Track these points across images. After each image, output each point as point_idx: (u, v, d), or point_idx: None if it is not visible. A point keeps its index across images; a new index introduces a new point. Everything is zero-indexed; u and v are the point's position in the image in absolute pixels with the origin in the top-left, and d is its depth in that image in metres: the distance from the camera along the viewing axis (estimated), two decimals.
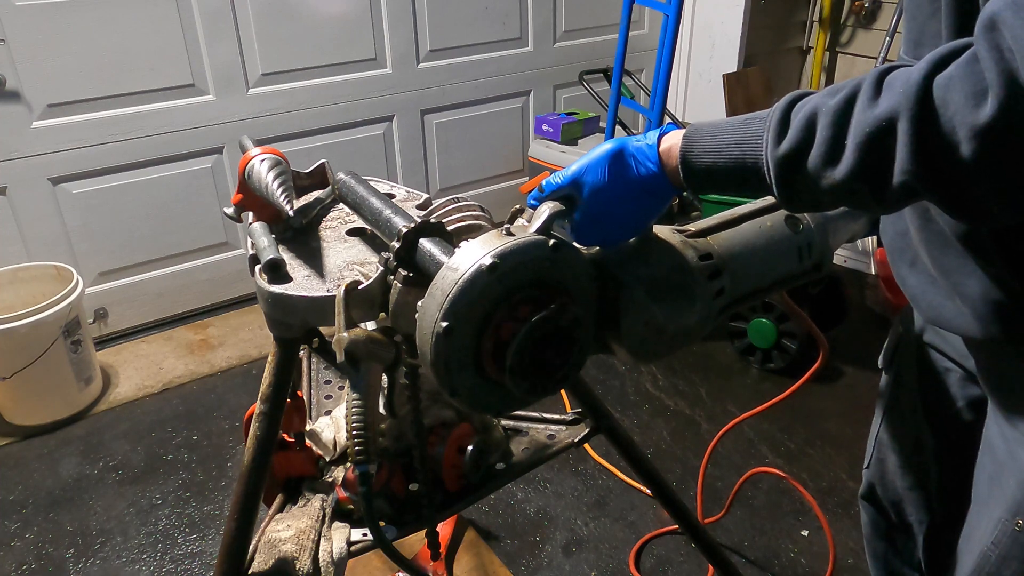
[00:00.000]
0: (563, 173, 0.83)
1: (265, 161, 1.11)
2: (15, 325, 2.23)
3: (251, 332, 2.95)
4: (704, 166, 0.75)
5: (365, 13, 2.98)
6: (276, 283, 1.01)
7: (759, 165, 0.70)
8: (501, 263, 0.74)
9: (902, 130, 0.59)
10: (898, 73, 0.62)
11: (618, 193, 0.80)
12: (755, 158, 0.70)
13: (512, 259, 0.75)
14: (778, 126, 0.68)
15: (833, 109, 0.64)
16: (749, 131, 0.71)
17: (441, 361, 0.76)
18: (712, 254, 0.88)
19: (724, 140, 0.73)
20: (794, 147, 0.67)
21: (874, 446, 1.24)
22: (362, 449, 0.91)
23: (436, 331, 0.75)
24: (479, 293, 0.74)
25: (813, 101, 0.67)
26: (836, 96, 0.65)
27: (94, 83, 2.55)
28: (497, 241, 0.76)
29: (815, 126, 0.65)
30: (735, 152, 0.72)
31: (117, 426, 2.47)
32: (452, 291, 0.74)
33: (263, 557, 1.10)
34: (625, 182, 0.80)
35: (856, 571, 1.90)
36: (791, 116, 0.68)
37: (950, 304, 0.87)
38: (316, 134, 3.04)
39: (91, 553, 1.99)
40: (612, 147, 0.80)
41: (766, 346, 2.64)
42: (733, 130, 0.73)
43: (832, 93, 0.66)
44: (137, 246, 2.83)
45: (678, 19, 2.45)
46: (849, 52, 3.65)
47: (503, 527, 2.05)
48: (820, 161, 0.65)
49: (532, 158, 3.46)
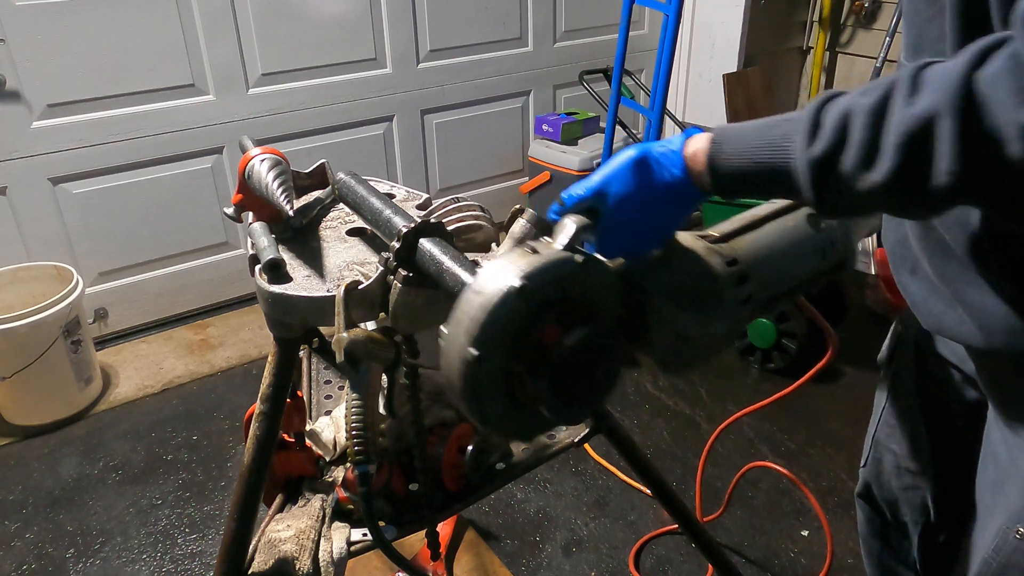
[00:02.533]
0: (585, 184, 0.79)
1: (265, 161, 1.11)
2: (15, 325, 2.23)
3: (251, 332, 2.95)
4: (733, 169, 0.72)
5: (365, 13, 2.98)
6: (276, 283, 1.01)
7: (790, 168, 0.67)
8: (529, 284, 0.70)
9: (944, 128, 0.56)
10: (935, 69, 0.59)
11: (643, 201, 0.77)
12: (786, 160, 0.67)
13: (540, 279, 0.70)
14: (810, 127, 0.65)
15: (868, 108, 0.61)
16: (779, 133, 0.69)
17: (471, 390, 0.72)
18: (738, 259, 0.85)
19: (753, 142, 0.70)
20: (828, 149, 0.64)
21: (871, 445, 1.24)
22: (362, 449, 0.91)
23: (465, 359, 0.70)
24: (508, 317, 0.70)
25: (846, 101, 0.64)
26: (871, 95, 0.62)
27: (94, 83, 2.55)
28: (522, 260, 0.72)
29: (849, 126, 0.62)
30: (765, 155, 0.69)
31: (117, 426, 2.47)
32: (480, 316, 0.69)
33: (263, 557, 1.10)
34: (650, 189, 0.77)
35: (856, 571, 1.90)
36: (822, 117, 0.65)
37: (952, 312, 0.86)
38: (316, 134, 3.04)
39: (91, 553, 1.99)
40: (635, 154, 0.77)
41: (766, 346, 2.64)
42: (762, 132, 0.70)
43: (866, 92, 0.63)
44: (137, 246, 2.83)
45: (678, 19, 2.45)
46: (849, 52, 3.65)
47: (503, 527, 2.05)
48: (856, 163, 0.62)
49: (532, 158, 3.46)
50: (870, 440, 1.25)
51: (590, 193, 0.79)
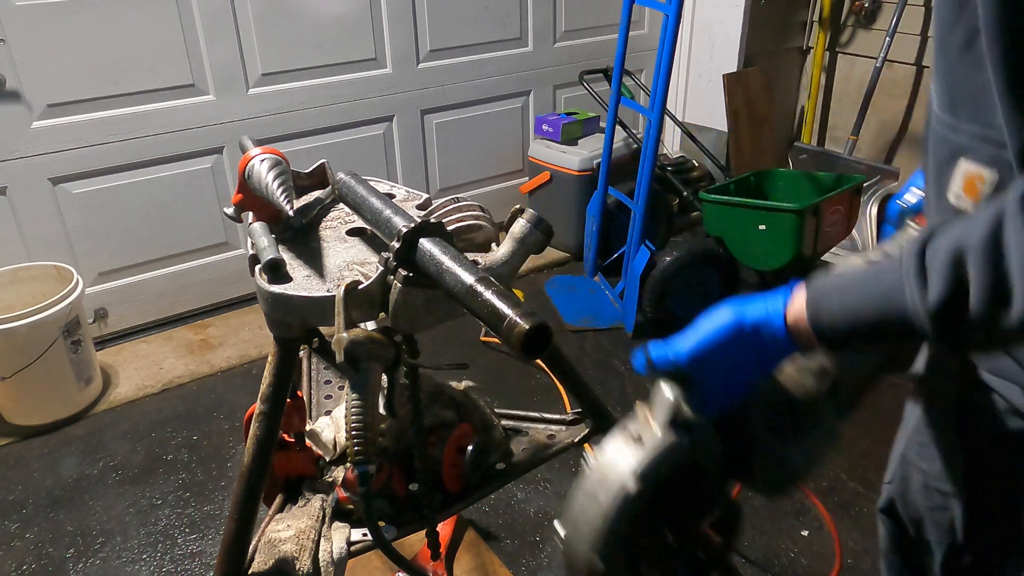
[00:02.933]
0: (676, 348, 0.75)
1: (265, 161, 1.11)
2: (15, 325, 2.23)
3: (251, 332, 2.95)
4: (841, 330, 0.68)
5: (365, 13, 2.98)
6: (276, 283, 1.00)
7: (905, 319, 0.63)
8: (645, 485, 0.70)
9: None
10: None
11: (743, 366, 0.74)
12: (898, 313, 0.63)
13: (655, 475, 0.71)
14: (918, 274, 0.61)
15: (981, 245, 0.57)
16: (883, 286, 0.64)
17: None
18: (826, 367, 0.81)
19: (856, 301, 0.67)
20: (947, 295, 0.59)
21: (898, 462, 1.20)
22: (362, 449, 0.91)
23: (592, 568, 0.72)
24: (629, 519, 0.71)
25: (948, 239, 0.60)
26: (977, 227, 0.58)
27: (94, 83, 2.55)
28: (630, 455, 0.71)
29: (964, 267, 0.58)
30: (873, 310, 0.66)
31: (117, 426, 2.47)
32: (601, 525, 0.71)
33: (263, 557, 1.10)
34: (750, 356, 0.73)
35: (856, 571, 1.90)
36: (928, 261, 0.61)
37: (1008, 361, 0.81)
38: (316, 134, 3.04)
39: (91, 553, 1.99)
40: (730, 321, 0.73)
41: None
42: (865, 285, 0.66)
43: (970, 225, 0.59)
44: (137, 246, 2.83)
45: (678, 19, 2.45)
46: (849, 52, 3.65)
47: (503, 527, 2.05)
48: (985, 306, 0.58)
49: (532, 158, 3.46)
50: (897, 456, 1.20)
51: (684, 361, 0.74)
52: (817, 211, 2.46)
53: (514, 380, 2.65)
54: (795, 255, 2.46)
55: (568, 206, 3.35)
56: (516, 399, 2.53)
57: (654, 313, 2.80)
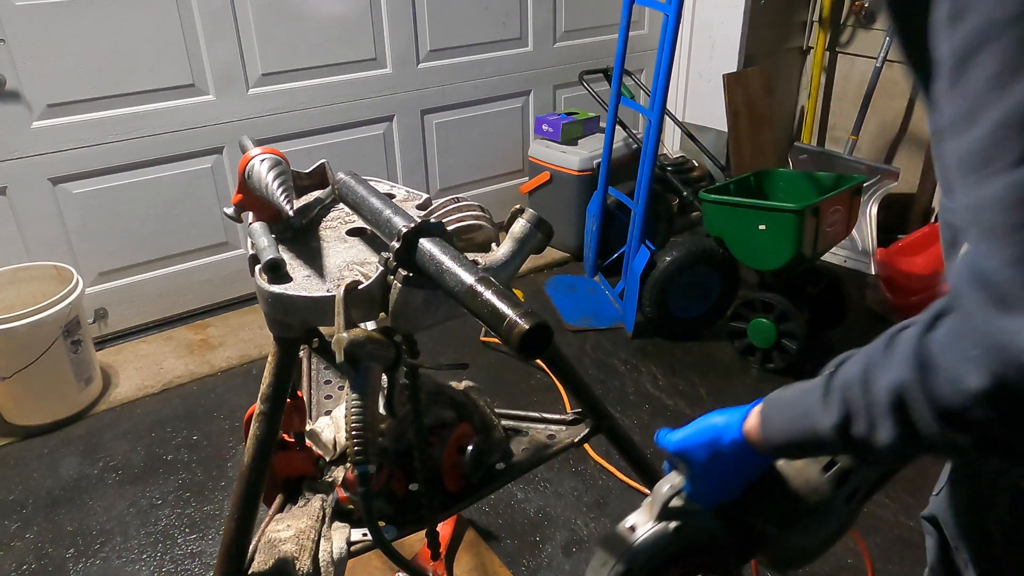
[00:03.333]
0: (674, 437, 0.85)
1: (265, 161, 1.11)
2: (15, 325, 2.23)
3: (251, 332, 2.95)
4: (781, 442, 0.76)
5: (365, 13, 2.98)
6: (276, 283, 1.01)
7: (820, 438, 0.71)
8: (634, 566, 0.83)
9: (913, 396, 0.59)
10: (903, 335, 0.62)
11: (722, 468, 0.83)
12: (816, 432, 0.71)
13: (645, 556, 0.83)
14: (823, 398, 0.69)
15: (857, 379, 0.65)
16: (804, 408, 0.72)
17: None
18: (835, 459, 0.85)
19: (788, 419, 0.75)
20: (839, 421, 0.67)
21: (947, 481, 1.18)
22: (362, 449, 0.91)
23: None
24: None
25: (846, 369, 0.67)
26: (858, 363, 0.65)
27: (94, 83, 2.55)
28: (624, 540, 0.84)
29: (849, 397, 0.66)
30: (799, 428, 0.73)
31: (117, 426, 2.47)
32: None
33: (263, 557, 1.10)
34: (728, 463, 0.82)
35: (857, 571, 1.90)
36: (831, 385, 0.69)
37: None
38: (316, 134, 3.04)
39: (91, 553, 1.99)
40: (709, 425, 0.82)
41: (766, 346, 2.64)
42: (792, 406, 0.74)
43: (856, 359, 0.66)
44: (137, 246, 2.83)
45: (678, 19, 2.45)
46: (849, 52, 3.65)
47: (503, 527, 2.05)
48: (862, 432, 0.65)
49: (532, 158, 3.46)
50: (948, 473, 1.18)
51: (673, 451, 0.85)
52: (817, 211, 2.46)
53: (514, 380, 2.65)
54: (795, 255, 2.46)
55: (568, 206, 3.35)
56: (516, 399, 2.53)
57: (654, 313, 2.80)
